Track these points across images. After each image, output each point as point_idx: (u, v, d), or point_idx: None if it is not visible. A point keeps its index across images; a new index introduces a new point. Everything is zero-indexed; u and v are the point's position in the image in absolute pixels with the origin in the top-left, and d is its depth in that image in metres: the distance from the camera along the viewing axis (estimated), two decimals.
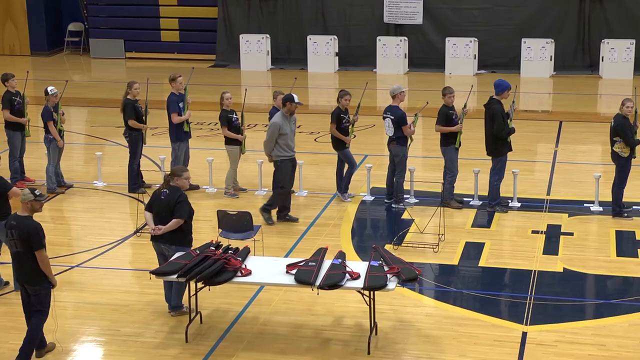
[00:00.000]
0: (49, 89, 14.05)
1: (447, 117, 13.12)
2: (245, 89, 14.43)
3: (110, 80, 23.55)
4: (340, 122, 13.39)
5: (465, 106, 13.25)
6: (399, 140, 13.10)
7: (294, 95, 12.57)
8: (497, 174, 12.93)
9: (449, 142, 13.12)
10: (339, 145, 13.52)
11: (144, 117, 14.03)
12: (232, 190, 13.82)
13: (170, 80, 13.95)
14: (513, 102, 13.24)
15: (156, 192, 9.93)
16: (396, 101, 13.16)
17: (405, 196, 13.40)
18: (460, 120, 13.13)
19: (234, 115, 13.71)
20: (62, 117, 14.08)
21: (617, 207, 12.77)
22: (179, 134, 13.88)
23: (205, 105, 17.53)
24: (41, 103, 14.43)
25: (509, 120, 12.84)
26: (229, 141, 13.74)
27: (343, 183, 13.64)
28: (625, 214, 12.76)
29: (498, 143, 12.83)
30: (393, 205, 13.30)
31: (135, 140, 13.99)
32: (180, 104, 13.83)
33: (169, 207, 9.64)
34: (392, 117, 13.02)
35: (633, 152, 12.55)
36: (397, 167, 13.15)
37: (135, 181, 14.04)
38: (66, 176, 14.62)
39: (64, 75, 24.71)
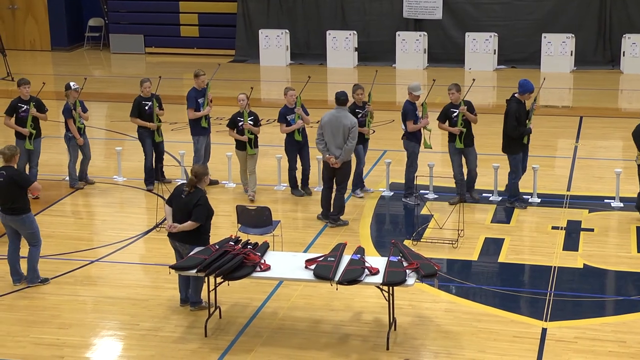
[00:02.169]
0: (71, 84, 13.96)
1: (446, 115, 13.08)
2: (252, 87, 14.29)
3: (130, 76, 23.60)
4: (356, 116, 13.35)
5: (461, 104, 12.97)
6: (408, 135, 13.09)
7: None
8: (513, 172, 12.86)
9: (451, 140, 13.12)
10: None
11: (154, 115, 13.85)
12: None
13: (194, 75, 13.99)
14: (535, 100, 13.09)
15: (178, 188, 9.94)
16: (411, 98, 13.10)
17: (424, 192, 13.37)
18: (457, 119, 12.97)
19: (239, 118, 13.40)
20: (84, 114, 13.94)
21: None
22: (197, 129, 13.88)
23: (225, 100, 17.55)
24: (62, 98, 14.46)
25: (527, 120, 12.73)
26: (236, 144, 13.62)
27: (354, 180, 13.56)
28: None
29: (511, 141, 12.76)
30: (403, 200, 13.31)
31: (142, 138, 13.94)
32: (201, 100, 13.83)
33: (188, 208, 9.65)
34: (401, 112, 13.08)
35: None
36: (407, 161, 13.16)
37: (148, 177, 14.02)
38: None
39: (84, 70, 24.84)
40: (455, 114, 13.01)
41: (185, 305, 10.04)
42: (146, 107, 13.81)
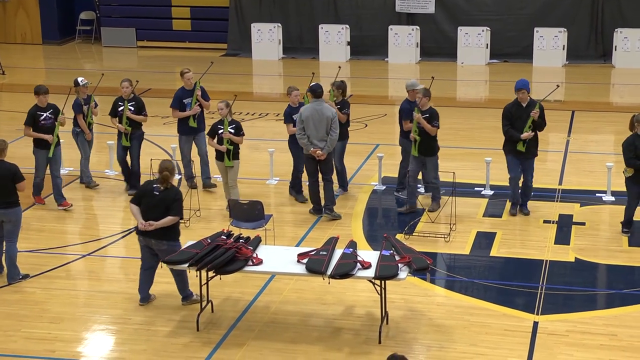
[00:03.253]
0: (79, 79, 13.63)
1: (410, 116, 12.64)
2: (235, 96, 13.87)
3: (121, 69, 23.53)
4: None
5: (416, 111, 12.35)
6: (404, 134, 12.94)
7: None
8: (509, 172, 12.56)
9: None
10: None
11: (124, 117, 13.27)
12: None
13: (180, 74, 13.61)
14: (535, 107, 12.16)
15: (146, 186, 9.89)
16: (409, 96, 12.94)
17: (418, 186, 13.37)
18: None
19: (219, 126, 12.53)
20: (93, 110, 13.67)
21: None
22: (183, 128, 13.48)
23: (217, 95, 17.48)
24: (57, 92, 14.35)
25: (526, 126, 12.13)
26: (216, 155, 12.69)
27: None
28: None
29: (505, 141, 12.46)
30: (395, 194, 13.35)
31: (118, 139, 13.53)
32: (188, 100, 13.42)
33: (165, 204, 9.59)
34: (398, 111, 12.96)
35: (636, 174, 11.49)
36: (402, 159, 13.15)
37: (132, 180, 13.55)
38: (75, 165, 14.54)
39: (75, 64, 24.78)
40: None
41: (145, 304, 9.97)
42: (120, 109, 13.33)
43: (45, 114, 12.87)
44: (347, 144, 13.44)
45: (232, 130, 12.43)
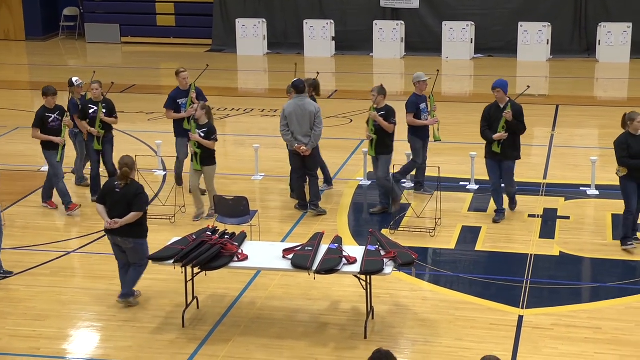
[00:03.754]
0: (74, 79, 13.31)
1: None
2: (207, 65, 13.09)
3: (106, 65, 23.46)
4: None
5: (372, 109, 12.21)
6: (412, 130, 12.70)
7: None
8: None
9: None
10: None
11: (97, 120, 12.81)
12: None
13: (175, 74, 13.31)
14: (505, 107, 11.92)
15: (108, 185, 9.82)
16: (416, 89, 12.77)
17: (402, 180, 13.38)
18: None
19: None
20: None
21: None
22: (178, 130, 13.16)
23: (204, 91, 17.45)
24: (37, 89, 14.26)
25: (499, 126, 11.86)
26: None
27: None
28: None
29: (485, 145, 12.15)
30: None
31: (86, 143, 13.17)
32: (183, 100, 13.12)
33: (127, 199, 9.55)
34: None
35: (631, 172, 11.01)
36: (411, 157, 12.96)
37: (93, 185, 13.15)
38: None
39: (59, 60, 24.66)
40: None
41: (124, 300, 9.93)
42: (90, 111, 12.87)
43: (53, 116, 12.50)
44: (331, 139, 13.40)
45: (202, 134, 11.94)
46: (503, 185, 12.22)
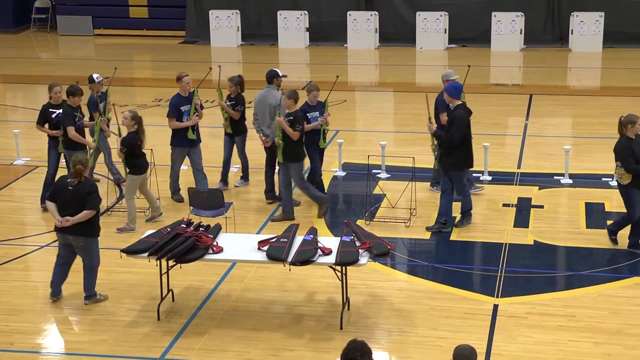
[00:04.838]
0: (95, 76, 12.93)
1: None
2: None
3: (78, 58, 23.29)
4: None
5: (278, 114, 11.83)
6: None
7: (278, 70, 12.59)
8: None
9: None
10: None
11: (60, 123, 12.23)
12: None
13: (176, 79, 12.55)
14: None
15: (61, 182, 9.70)
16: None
17: (376, 171, 13.38)
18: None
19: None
20: (109, 107, 13.04)
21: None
22: (180, 140, 12.46)
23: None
24: (9, 81, 14.12)
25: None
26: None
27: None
28: None
29: None
30: (430, 188, 12.82)
31: (49, 148, 12.55)
32: (185, 107, 12.44)
33: (79, 198, 9.41)
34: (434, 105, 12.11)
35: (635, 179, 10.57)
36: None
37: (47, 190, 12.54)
38: (32, 156, 14.42)
39: (31, 53, 24.43)
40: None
41: (56, 298, 9.82)
42: (53, 115, 12.35)
43: (57, 112, 12.24)
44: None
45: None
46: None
